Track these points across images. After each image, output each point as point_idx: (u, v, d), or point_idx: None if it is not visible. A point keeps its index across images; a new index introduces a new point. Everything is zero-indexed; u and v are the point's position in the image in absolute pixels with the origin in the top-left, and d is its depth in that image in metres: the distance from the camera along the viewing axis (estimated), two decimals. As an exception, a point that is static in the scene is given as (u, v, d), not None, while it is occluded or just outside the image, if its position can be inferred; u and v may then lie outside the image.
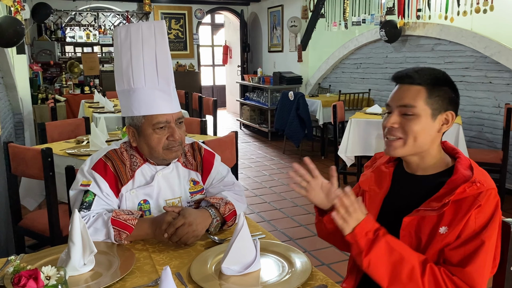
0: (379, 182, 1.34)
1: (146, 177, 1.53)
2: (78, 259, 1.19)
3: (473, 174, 1.17)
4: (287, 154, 6.40)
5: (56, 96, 6.10)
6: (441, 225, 1.16)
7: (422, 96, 1.22)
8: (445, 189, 1.18)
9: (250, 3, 9.36)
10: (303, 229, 3.65)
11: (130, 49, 1.47)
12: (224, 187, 1.62)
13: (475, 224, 1.13)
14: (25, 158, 2.37)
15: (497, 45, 4.31)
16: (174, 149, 1.50)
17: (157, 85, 1.48)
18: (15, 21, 3.52)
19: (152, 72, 1.47)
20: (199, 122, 3.50)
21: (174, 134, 1.48)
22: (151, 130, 1.47)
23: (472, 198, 1.14)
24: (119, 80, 1.52)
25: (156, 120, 1.46)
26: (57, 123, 3.57)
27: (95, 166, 1.48)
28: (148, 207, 1.52)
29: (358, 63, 6.50)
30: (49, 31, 7.95)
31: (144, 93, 1.47)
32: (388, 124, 1.25)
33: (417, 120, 1.22)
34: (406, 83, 1.25)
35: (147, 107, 1.46)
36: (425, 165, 1.27)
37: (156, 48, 1.48)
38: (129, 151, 1.54)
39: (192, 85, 8.13)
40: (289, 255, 1.27)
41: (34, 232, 2.53)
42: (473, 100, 4.72)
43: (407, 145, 1.24)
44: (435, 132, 1.24)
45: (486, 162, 3.93)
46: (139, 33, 1.47)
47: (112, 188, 1.48)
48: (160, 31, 1.48)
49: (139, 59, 1.46)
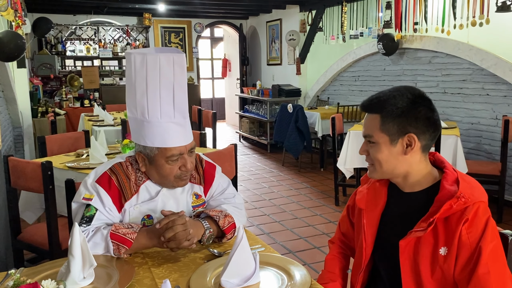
0: (374, 200, 1.35)
1: (151, 192, 1.52)
2: (77, 273, 1.19)
3: (458, 188, 1.16)
4: (286, 166, 6.40)
5: (56, 110, 6.12)
6: (440, 245, 1.16)
7: (377, 125, 1.25)
8: (433, 207, 1.18)
9: (249, 17, 9.45)
10: (302, 242, 3.64)
11: (146, 80, 1.41)
12: (225, 200, 1.62)
13: (469, 240, 1.13)
14: (25, 171, 2.38)
15: (493, 57, 4.35)
16: (185, 178, 1.51)
17: (173, 119, 1.43)
18: (16, 35, 3.55)
19: (169, 106, 1.42)
20: (198, 135, 3.51)
21: (186, 165, 1.47)
22: (164, 161, 1.45)
23: (460, 213, 1.14)
24: (132, 108, 1.47)
25: (170, 153, 1.43)
26: (57, 136, 3.58)
27: (99, 179, 1.46)
28: (151, 222, 1.51)
29: (356, 76, 6.55)
30: (49, 45, 8.01)
31: (159, 126, 1.43)
32: (360, 153, 1.33)
33: (377, 148, 1.26)
34: (367, 112, 1.29)
35: (161, 139, 1.43)
36: (410, 183, 1.27)
37: (175, 81, 1.42)
38: (135, 165, 1.53)
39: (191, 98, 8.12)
40: (288, 268, 1.27)
41: (33, 245, 2.52)
42: (470, 112, 4.74)
43: (377, 171, 1.28)
44: (400, 156, 1.24)
45: (484, 173, 3.94)
46: (157, 65, 1.40)
47: (115, 203, 1.46)
48: (180, 64, 1.43)
49: (156, 92, 1.41)
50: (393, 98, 1.23)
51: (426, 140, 1.24)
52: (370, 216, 1.33)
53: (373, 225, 1.32)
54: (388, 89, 1.28)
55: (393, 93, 1.24)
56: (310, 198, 4.85)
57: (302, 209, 4.48)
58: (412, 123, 1.21)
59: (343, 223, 1.52)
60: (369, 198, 1.35)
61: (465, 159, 3.76)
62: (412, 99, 1.22)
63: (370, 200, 1.35)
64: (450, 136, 3.73)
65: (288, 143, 6.02)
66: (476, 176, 3.81)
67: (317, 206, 4.56)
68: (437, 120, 1.25)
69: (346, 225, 1.50)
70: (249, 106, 8.23)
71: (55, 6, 7.49)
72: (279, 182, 5.56)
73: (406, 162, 1.24)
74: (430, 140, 1.25)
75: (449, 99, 4.96)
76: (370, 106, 1.27)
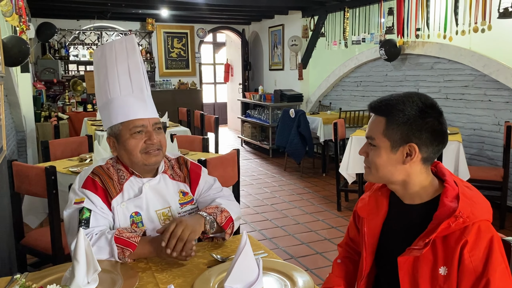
0: (376, 209, 1.32)
1: (134, 189, 1.56)
2: (82, 278, 1.19)
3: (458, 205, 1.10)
4: (288, 171, 6.41)
5: (59, 114, 6.14)
6: (439, 265, 1.12)
7: (381, 128, 1.21)
8: (431, 224, 1.13)
9: (251, 23, 9.48)
10: (305, 247, 3.64)
11: (106, 65, 1.55)
12: (214, 194, 1.66)
13: (472, 264, 1.08)
14: (28, 176, 2.39)
15: (495, 63, 4.36)
16: (153, 153, 1.53)
17: (132, 93, 1.54)
18: (20, 40, 3.57)
19: (126, 81, 1.55)
20: (201, 140, 3.52)
21: (151, 137, 1.52)
22: (129, 135, 1.51)
23: (459, 233, 1.10)
24: (98, 96, 1.60)
25: (132, 125, 1.51)
26: (60, 141, 3.59)
27: (84, 184, 1.51)
28: (140, 219, 1.54)
29: (358, 81, 6.56)
30: (53, 49, 8.06)
31: (120, 101, 1.53)
32: (359, 153, 1.29)
33: (377, 152, 1.22)
34: (374, 113, 1.25)
35: (123, 114, 1.52)
36: (409, 193, 1.23)
37: (129, 60, 1.56)
38: (116, 166, 1.58)
39: (194, 103, 8.20)
40: (291, 274, 1.28)
41: (36, 250, 2.53)
42: (473, 118, 4.75)
43: (372, 175, 1.25)
44: (398, 164, 1.20)
45: (487, 179, 3.94)
46: (112, 50, 1.56)
47: (105, 202, 1.50)
48: (131, 45, 1.57)
49: (114, 71, 1.54)
50: (402, 104, 1.18)
51: (429, 153, 1.19)
52: (371, 225, 1.31)
53: (374, 234, 1.30)
54: (401, 93, 1.24)
55: (403, 99, 1.19)
56: (312, 203, 4.85)
57: (304, 214, 4.48)
58: (416, 133, 1.17)
59: (351, 228, 1.50)
60: (371, 207, 1.33)
61: (467, 165, 3.76)
62: (421, 108, 1.17)
63: (372, 209, 1.32)
64: (452, 142, 3.73)
65: (290, 148, 6.02)
66: (478, 182, 3.86)
67: (319, 211, 4.56)
68: (444, 134, 1.20)
69: (354, 231, 1.48)
70: (251, 111, 8.25)
71: (59, 11, 7.54)
72: (281, 187, 5.56)
73: (404, 171, 1.20)
74: (433, 153, 1.20)
75: (451, 105, 4.97)
76: (378, 108, 1.23)
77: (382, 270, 1.34)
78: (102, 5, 6.91)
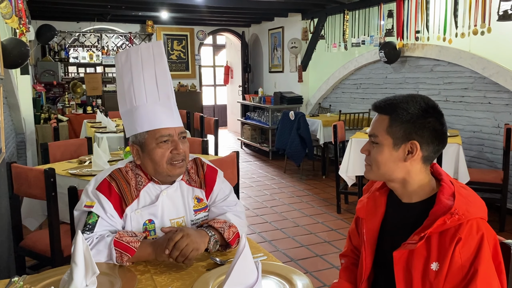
0: (374, 209, 1.34)
1: (151, 196, 1.53)
2: (80, 281, 1.19)
3: (454, 203, 1.14)
4: (288, 173, 6.40)
5: (59, 116, 6.14)
6: (432, 260, 1.15)
7: (384, 126, 1.24)
8: (427, 221, 1.16)
9: (251, 25, 9.50)
10: (304, 250, 3.63)
11: (131, 70, 1.51)
12: (227, 208, 1.63)
13: (461, 260, 1.11)
14: (28, 178, 2.39)
15: (495, 66, 4.36)
16: (178, 165, 1.51)
17: (158, 100, 1.51)
18: (20, 42, 3.57)
19: (152, 88, 1.51)
20: (200, 142, 3.52)
21: (177, 147, 1.49)
22: (155, 144, 1.48)
23: (453, 230, 1.13)
24: (122, 101, 1.55)
25: (159, 134, 1.48)
26: (60, 143, 3.59)
27: (99, 187, 1.48)
28: (153, 227, 1.52)
29: (358, 84, 6.57)
30: (52, 51, 8.06)
31: (146, 109, 1.49)
32: (361, 151, 1.32)
33: (379, 149, 1.25)
34: (378, 112, 1.29)
35: (150, 122, 1.49)
36: (408, 191, 1.26)
37: (156, 66, 1.52)
38: (134, 170, 1.55)
39: (193, 105, 8.19)
40: (291, 277, 1.27)
41: (35, 252, 2.52)
42: (472, 120, 4.75)
43: (373, 172, 1.28)
44: (400, 162, 1.23)
45: (486, 182, 3.94)
46: (138, 55, 1.52)
47: (117, 209, 1.47)
48: (158, 51, 1.54)
49: (140, 78, 1.51)
50: (406, 103, 1.23)
51: (429, 152, 1.23)
52: (369, 226, 1.33)
53: (372, 234, 1.32)
54: (404, 94, 1.28)
55: (407, 98, 1.24)
56: (312, 205, 4.84)
57: (303, 216, 4.47)
58: (418, 131, 1.21)
59: (354, 236, 1.50)
60: (369, 207, 1.35)
61: (467, 168, 3.76)
62: (424, 108, 1.22)
63: (370, 209, 1.35)
64: (452, 144, 3.73)
65: (290, 150, 6.02)
66: (478, 184, 3.86)
67: (319, 213, 4.56)
68: (444, 134, 1.24)
69: (357, 238, 1.48)
70: (251, 113, 8.25)
71: (59, 14, 7.55)
72: (281, 189, 5.56)
73: (405, 169, 1.24)
74: (433, 153, 1.24)
75: (451, 107, 4.97)
76: (382, 107, 1.27)
77: (380, 269, 1.35)
78: (102, 7, 6.92)
